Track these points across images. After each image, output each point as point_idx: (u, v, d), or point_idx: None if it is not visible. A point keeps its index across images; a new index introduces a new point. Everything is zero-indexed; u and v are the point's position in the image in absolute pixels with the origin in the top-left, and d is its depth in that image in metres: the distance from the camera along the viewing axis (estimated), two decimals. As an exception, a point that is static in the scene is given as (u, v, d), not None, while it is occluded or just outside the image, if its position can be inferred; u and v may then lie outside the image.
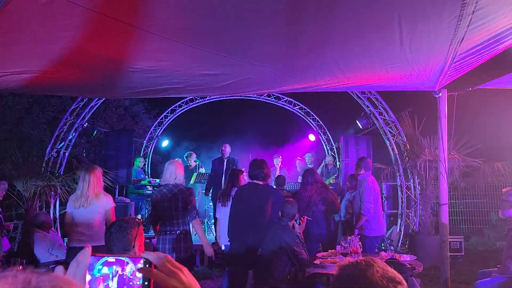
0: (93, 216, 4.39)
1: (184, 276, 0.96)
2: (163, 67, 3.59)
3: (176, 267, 0.97)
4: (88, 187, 4.40)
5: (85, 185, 4.41)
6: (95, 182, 4.44)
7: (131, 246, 2.25)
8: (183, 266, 0.99)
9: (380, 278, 1.19)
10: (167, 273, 0.95)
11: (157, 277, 0.95)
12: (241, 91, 5.51)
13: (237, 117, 15.17)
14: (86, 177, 4.43)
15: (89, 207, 4.38)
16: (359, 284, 1.20)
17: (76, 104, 8.88)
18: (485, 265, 5.93)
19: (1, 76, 3.55)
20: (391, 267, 1.25)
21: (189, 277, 0.98)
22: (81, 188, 4.44)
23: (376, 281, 1.18)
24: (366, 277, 1.20)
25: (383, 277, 1.20)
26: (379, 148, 9.28)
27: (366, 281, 1.19)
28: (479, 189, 10.96)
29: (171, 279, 0.95)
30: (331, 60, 3.50)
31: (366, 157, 5.96)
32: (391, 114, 8.99)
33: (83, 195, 4.40)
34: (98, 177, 4.51)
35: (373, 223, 5.47)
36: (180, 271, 0.97)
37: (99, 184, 4.50)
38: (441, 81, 4.43)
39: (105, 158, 9.23)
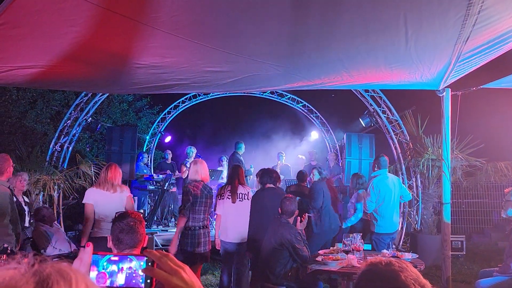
0: (116, 204, 4.48)
1: (185, 274, 0.98)
2: (168, 64, 3.60)
3: (177, 265, 0.99)
4: (111, 174, 4.64)
5: (109, 173, 4.64)
6: (118, 173, 4.71)
7: (142, 240, 2.29)
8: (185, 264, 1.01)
9: (413, 282, 1.21)
10: (169, 271, 0.97)
11: (159, 275, 0.96)
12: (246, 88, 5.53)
13: (240, 114, 15.19)
14: (109, 168, 4.70)
15: (115, 193, 4.57)
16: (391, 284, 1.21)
17: (80, 99, 8.91)
18: (486, 265, 5.96)
19: (8, 70, 3.57)
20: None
21: (191, 275, 1.00)
22: (104, 175, 4.65)
23: (409, 285, 1.20)
24: (401, 279, 1.21)
25: (416, 281, 1.22)
26: (382, 147, 9.27)
27: (400, 283, 1.20)
28: (481, 189, 10.94)
29: (172, 277, 0.96)
30: (336, 58, 3.51)
31: (383, 154, 5.96)
32: (394, 112, 8.98)
33: (108, 182, 4.59)
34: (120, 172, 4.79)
35: (381, 220, 5.51)
36: (182, 269, 0.98)
37: (120, 176, 4.77)
38: (445, 80, 4.42)
39: (108, 153, 9.27)
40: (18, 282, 0.52)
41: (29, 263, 0.56)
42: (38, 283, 0.52)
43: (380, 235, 5.50)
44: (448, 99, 5.01)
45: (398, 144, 8.97)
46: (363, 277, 1.30)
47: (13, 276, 0.53)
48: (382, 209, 5.52)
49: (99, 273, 0.98)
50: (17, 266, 0.55)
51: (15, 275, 0.53)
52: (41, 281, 0.53)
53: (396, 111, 8.99)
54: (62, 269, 0.56)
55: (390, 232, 5.56)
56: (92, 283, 0.58)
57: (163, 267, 0.98)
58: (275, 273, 4.29)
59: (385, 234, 5.52)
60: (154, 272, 0.97)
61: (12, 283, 0.52)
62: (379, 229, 5.51)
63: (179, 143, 13.44)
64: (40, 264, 0.57)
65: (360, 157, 9.11)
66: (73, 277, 0.55)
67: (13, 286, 0.51)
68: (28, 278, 0.53)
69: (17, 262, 0.56)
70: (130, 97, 13.79)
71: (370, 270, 1.30)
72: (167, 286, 0.97)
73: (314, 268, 4.20)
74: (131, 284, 0.99)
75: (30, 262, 0.57)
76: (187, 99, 12.63)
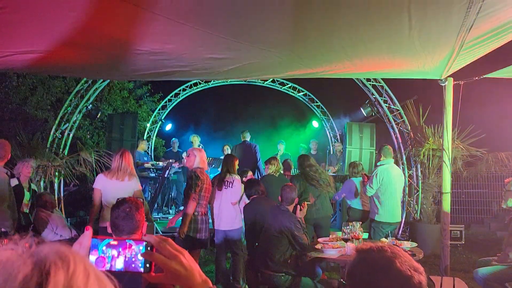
0: (126, 192, 4.40)
1: (184, 259, 0.98)
2: (169, 50, 3.58)
3: (177, 250, 0.99)
4: (126, 162, 4.57)
5: (124, 161, 4.55)
6: (129, 161, 4.62)
7: (140, 226, 2.30)
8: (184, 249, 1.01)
9: (408, 268, 1.19)
10: (168, 255, 0.97)
11: (158, 260, 0.97)
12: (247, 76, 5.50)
13: (240, 102, 15.14)
14: (123, 155, 4.61)
15: (124, 182, 4.50)
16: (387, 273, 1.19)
17: (81, 86, 8.88)
18: (485, 254, 5.98)
19: (8, 55, 3.55)
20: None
21: (190, 260, 1.00)
22: (118, 163, 4.55)
23: (405, 271, 1.18)
24: (396, 266, 1.19)
25: (411, 267, 1.20)
26: (383, 136, 9.26)
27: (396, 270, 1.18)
28: (481, 179, 10.95)
29: (171, 262, 0.97)
30: (338, 45, 3.48)
31: (386, 144, 5.98)
32: (396, 102, 8.95)
33: (122, 169, 4.52)
34: (131, 157, 4.72)
35: (382, 209, 5.52)
36: (181, 254, 0.99)
37: (132, 164, 4.69)
38: (447, 70, 4.40)
39: (109, 140, 9.26)
40: (16, 262, 0.51)
41: (26, 245, 0.56)
42: (35, 264, 0.52)
43: (379, 223, 5.52)
44: (450, 89, 4.99)
45: (399, 133, 8.96)
46: (356, 266, 1.27)
47: (10, 257, 0.52)
48: (384, 198, 5.53)
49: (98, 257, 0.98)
50: (14, 248, 0.55)
51: (12, 256, 0.53)
52: (39, 262, 0.52)
53: (397, 101, 8.95)
54: (60, 250, 0.56)
55: (390, 222, 5.57)
56: (90, 265, 0.57)
57: (162, 251, 0.98)
58: (275, 260, 4.31)
59: (385, 223, 5.53)
60: (153, 256, 0.97)
61: (9, 264, 0.51)
62: (379, 218, 5.53)
63: (180, 131, 13.43)
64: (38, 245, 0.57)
65: (360, 146, 9.10)
66: (71, 259, 0.55)
67: (10, 266, 0.51)
68: (25, 259, 0.52)
69: (15, 244, 0.56)
70: (131, 85, 13.74)
71: (363, 259, 1.27)
72: (166, 270, 0.97)
73: (314, 255, 4.23)
74: (130, 268, 0.99)
75: (27, 244, 0.56)
76: (188, 87, 12.59)
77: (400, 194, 5.77)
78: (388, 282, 1.16)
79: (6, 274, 0.50)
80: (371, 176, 5.82)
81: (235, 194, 5.32)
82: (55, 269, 0.52)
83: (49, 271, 0.52)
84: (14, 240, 0.56)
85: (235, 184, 5.33)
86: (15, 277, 0.50)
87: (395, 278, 1.16)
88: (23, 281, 0.50)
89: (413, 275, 1.18)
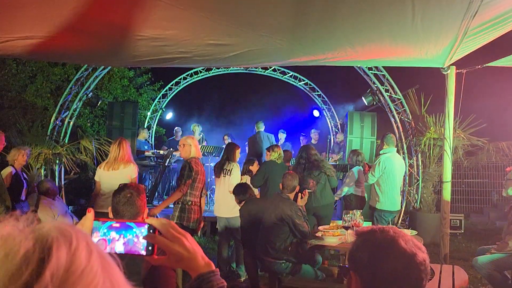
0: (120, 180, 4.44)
1: (187, 241, 0.98)
2: (170, 36, 3.54)
3: (179, 233, 0.98)
4: (123, 152, 4.61)
5: (121, 151, 4.61)
6: (126, 150, 4.66)
7: (141, 212, 2.30)
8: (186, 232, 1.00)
9: (411, 246, 1.19)
10: (171, 238, 0.97)
11: (161, 242, 0.97)
12: (248, 63, 5.45)
13: (241, 91, 15.10)
14: (121, 144, 4.65)
15: (118, 171, 4.55)
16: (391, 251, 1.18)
17: (81, 73, 8.83)
18: (484, 243, 6.00)
19: (7, 41, 3.52)
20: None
21: (193, 243, 1.00)
22: (115, 153, 4.61)
23: (410, 250, 1.17)
24: (400, 244, 1.18)
25: (413, 245, 1.19)
26: (384, 126, 9.23)
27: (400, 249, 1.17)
28: (482, 169, 10.97)
29: (174, 244, 0.97)
30: (341, 32, 3.45)
31: (388, 132, 5.96)
32: (397, 91, 8.91)
33: (119, 159, 4.58)
34: (129, 146, 4.76)
35: (384, 197, 5.53)
36: (184, 237, 0.98)
37: (129, 153, 4.72)
38: (450, 58, 4.36)
39: (109, 129, 9.25)
40: (17, 237, 0.51)
41: (27, 221, 0.55)
42: (37, 239, 0.51)
43: (381, 211, 5.53)
44: (452, 77, 4.95)
45: (400, 123, 8.94)
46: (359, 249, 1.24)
47: (11, 232, 0.52)
48: (385, 186, 5.52)
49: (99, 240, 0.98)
50: (15, 223, 0.54)
51: (13, 231, 0.52)
52: (41, 237, 0.52)
53: (399, 90, 8.91)
54: (62, 227, 0.55)
55: (391, 210, 5.59)
56: (93, 242, 0.56)
57: (165, 234, 0.97)
58: (276, 247, 4.32)
59: (387, 211, 5.55)
60: (155, 239, 0.96)
61: (10, 239, 0.50)
62: (380, 206, 5.54)
63: (181, 119, 13.41)
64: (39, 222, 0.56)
65: (361, 136, 9.07)
66: (73, 234, 0.54)
67: (12, 241, 0.50)
68: (27, 234, 0.52)
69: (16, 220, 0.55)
70: (131, 73, 13.68)
71: (365, 240, 1.25)
72: (168, 253, 0.97)
73: (314, 243, 4.24)
74: (131, 251, 0.98)
75: (28, 220, 0.55)
76: (189, 75, 12.52)
77: (401, 183, 5.77)
78: (392, 261, 1.15)
79: (7, 249, 0.49)
80: (373, 164, 5.81)
81: (233, 182, 5.33)
82: (57, 245, 0.51)
83: (51, 246, 0.51)
84: (15, 216, 0.55)
85: (233, 172, 5.33)
86: (17, 252, 0.49)
87: (399, 257, 1.16)
88: (25, 256, 0.49)
89: (417, 253, 1.17)
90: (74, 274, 0.50)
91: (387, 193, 5.52)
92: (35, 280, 0.47)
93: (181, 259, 0.97)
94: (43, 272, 0.48)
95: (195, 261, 0.98)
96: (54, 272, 0.49)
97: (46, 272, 0.48)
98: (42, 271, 0.48)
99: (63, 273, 0.49)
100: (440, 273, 4.08)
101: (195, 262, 0.98)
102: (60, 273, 0.49)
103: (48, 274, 0.48)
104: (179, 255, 0.97)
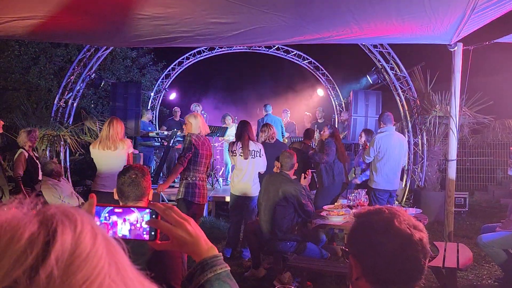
0: (119, 160, 4.47)
1: (190, 226, 0.98)
2: (172, 15, 3.49)
3: (182, 217, 0.99)
4: (114, 131, 4.55)
5: (111, 129, 4.55)
6: (120, 128, 4.62)
7: (146, 193, 2.31)
8: (189, 217, 1.00)
9: (408, 226, 1.17)
10: (174, 223, 0.97)
11: (164, 227, 0.97)
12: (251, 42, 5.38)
13: (245, 71, 14.98)
14: (111, 123, 4.59)
15: (116, 151, 4.52)
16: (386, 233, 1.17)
17: (83, 54, 8.77)
18: (488, 221, 6.02)
19: (7, 21, 3.48)
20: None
21: (195, 227, 1.00)
22: (106, 132, 4.56)
23: (405, 229, 1.16)
24: (395, 225, 1.17)
25: (410, 225, 1.18)
26: (389, 104, 9.16)
27: (395, 229, 1.16)
28: (487, 147, 10.92)
29: (177, 229, 0.97)
30: (346, 8, 3.38)
31: (386, 111, 5.87)
32: (402, 69, 8.79)
33: (110, 138, 4.53)
34: (122, 125, 4.70)
35: (379, 176, 5.45)
36: (186, 222, 0.98)
37: (123, 130, 4.68)
38: (458, 34, 4.28)
39: (113, 110, 9.23)
40: (21, 220, 0.50)
41: (31, 204, 0.54)
42: (42, 222, 0.50)
43: (376, 190, 5.46)
44: (459, 54, 4.88)
45: (405, 101, 8.86)
46: (356, 231, 1.25)
47: (16, 215, 0.51)
48: (380, 165, 5.44)
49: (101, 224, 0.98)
50: (19, 206, 0.53)
51: (17, 214, 0.51)
52: (45, 220, 0.51)
53: (404, 68, 8.79)
54: (66, 209, 0.54)
55: (387, 190, 5.50)
56: (97, 225, 0.56)
57: (167, 219, 0.97)
58: (283, 229, 4.33)
59: (381, 190, 5.46)
60: (158, 224, 0.97)
61: (14, 222, 0.50)
62: (375, 185, 5.46)
63: (184, 100, 13.37)
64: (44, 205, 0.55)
65: (366, 115, 9.01)
66: (78, 218, 0.53)
67: (16, 224, 0.49)
68: (31, 217, 0.51)
69: (19, 203, 0.54)
70: (134, 53, 13.57)
71: (361, 223, 1.24)
72: (171, 238, 0.97)
73: (319, 222, 4.26)
74: (135, 235, 0.99)
75: (32, 203, 0.54)
76: (192, 55, 12.42)
77: (400, 161, 5.67)
78: (388, 242, 1.15)
79: (12, 232, 0.48)
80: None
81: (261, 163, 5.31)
82: (62, 228, 0.51)
83: (56, 229, 0.50)
84: (19, 199, 0.54)
85: (262, 153, 5.30)
86: (22, 235, 0.48)
87: (395, 237, 1.15)
88: (29, 238, 0.48)
89: (413, 233, 1.16)
90: (79, 257, 0.49)
91: (381, 172, 5.43)
92: (40, 263, 0.47)
93: (184, 244, 0.97)
94: (48, 255, 0.48)
95: (198, 245, 0.99)
96: (59, 256, 0.48)
97: (51, 256, 0.48)
98: (47, 254, 0.48)
99: (68, 257, 0.49)
100: (445, 251, 4.10)
101: (198, 246, 0.99)
102: (65, 257, 0.48)
103: (53, 258, 0.48)
104: (182, 240, 0.97)
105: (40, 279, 0.46)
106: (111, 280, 0.51)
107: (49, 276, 0.47)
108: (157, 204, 0.99)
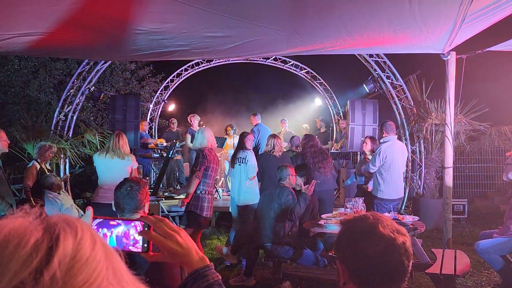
0: (122, 172, 4.50)
1: (180, 238, 1.03)
2: (169, 29, 3.57)
3: (173, 229, 1.03)
4: (123, 141, 4.66)
5: (121, 140, 4.65)
6: (127, 141, 4.75)
7: (142, 206, 2.34)
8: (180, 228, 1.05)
9: (391, 230, 1.22)
10: (164, 235, 1.02)
11: (155, 239, 1.01)
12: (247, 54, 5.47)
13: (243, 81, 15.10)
14: (119, 135, 4.72)
15: (124, 160, 4.61)
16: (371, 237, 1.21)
17: (82, 67, 8.86)
18: (488, 228, 6.03)
19: (7, 38, 3.56)
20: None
21: (186, 239, 1.04)
22: (115, 142, 4.64)
23: (388, 234, 1.21)
24: (379, 231, 1.21)
25: (393, 230, 1.23)
26: (386, 112, 9.22)
27: (379, 234, 1.21)
28: (485, 153, 10.96)
29: (168, 241, 1.01)
30: (339, 21, 3.46)
31: (387, 120, 5.87)
32: (398, 77, 8.87)
33: (120, 147, 4.61)
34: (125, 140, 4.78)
35: (384, 186, 5.44)
36: (177, 234, 1.03)
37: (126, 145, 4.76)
38: (450, 43, 4.36)
39: (112, 122, 9.29)
40: (27, 228, 0.55)
41: (36, 213, 0.60)
42: (45, 230, 0.56)
43: (382, 200, 5.43)
44: (453, 63, 4.95)
45: (402, 109, 8.92)
46: (342, 238, 1.29)
47: (22, 223, 0.56)
48: (387, 175, 5.43)
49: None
50: (24, 215, 0.59)
51: (24, 222, 0.57)
52: (49, 227, 0.57)
53: (400, 76, 8.88)
54: (68, 218, 0.60)
55: (393, 198, 5.50)
56: (96, 232, 0.61)
57: (158, 231, 1.02)
58: (280, 235, 4.46)
59: (388, 200, 5.46)
60: (149, 235, 1.01)
61: (21, 229, 0.55)
62: (382, 195, 5.44)
63: (183, 111, 13.44)
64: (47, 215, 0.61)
65: (363, 123, 9.07)
66: (78, 225, 0.59)
67: (23, 231, 0.55)
68: (36, 225, 0.56)
69: (25, 213, 0.60)
70: (133, 66, 13.68)
71: (347, 230, 1.29)
72: (163, 249, 1.02)
73: (317, 231, 4.30)
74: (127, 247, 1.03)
75: (37, 212, 0.60)
76: (190, 67, 12.53)
77: (403, 169, 5.72)
78: (373, 246, 1.20)
79: (19, 238, 0.54)
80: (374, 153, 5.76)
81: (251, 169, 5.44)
82: (64, 235, 0.56)
83: (59, 236, 0.56)
84: (24, 209, 0.60)
85: (248, 158, 5.46)
86: (28, 241, 0.54)
87: (379, 242, 1.20)
88: (35, 244, 0.54)
89: (396, 237, 1.21)
90: (80, 261, 0.55)
91: (389, 182, 5.42)
92: (45, 266, 0.52)
93: (175, 255, 1.02)
94: (51, 259, 0.53)
95: (189, 256, 1.03)
96: (62, 259, 0.54)
97: (54, 259, 0.53)
98: (51, 258, 0.53)
99: (70, 260, 0.54)
100: (442, 257, 4.13)
101: (190, 257, 1.03)
102: (67, 260, 0.54)
103: (56, 261, 0.53)
104: (173, 251, 1.01)
105: (44, 280, 0.52)
106: (108, 283, 0.57)
107: (52, 278, 0.52)
108: (148, 217, 1.03)
